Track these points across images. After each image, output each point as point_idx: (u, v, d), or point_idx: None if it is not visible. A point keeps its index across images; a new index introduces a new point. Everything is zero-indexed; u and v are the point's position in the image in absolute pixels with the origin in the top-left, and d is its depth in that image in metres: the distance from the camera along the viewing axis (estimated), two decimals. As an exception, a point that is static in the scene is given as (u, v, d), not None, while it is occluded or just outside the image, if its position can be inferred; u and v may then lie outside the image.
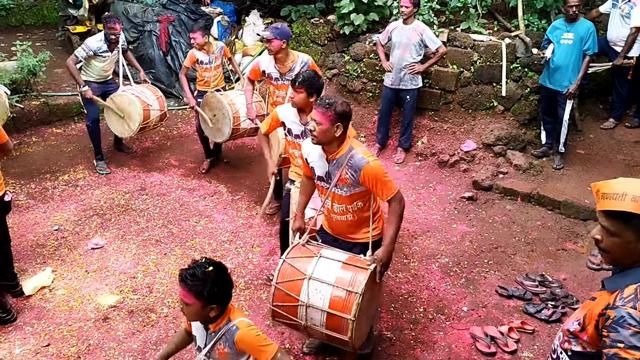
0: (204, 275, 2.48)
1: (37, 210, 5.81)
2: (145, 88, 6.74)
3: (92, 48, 6.22)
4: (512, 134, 6.74)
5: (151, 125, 6.69)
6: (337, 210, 3.44)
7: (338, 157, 3.25)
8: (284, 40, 5.01)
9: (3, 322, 4.21)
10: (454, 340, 4.17)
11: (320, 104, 3.17)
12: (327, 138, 3.18)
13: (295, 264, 3.28)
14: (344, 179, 3.25)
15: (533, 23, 7.21)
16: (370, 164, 3.16)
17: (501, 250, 5.25)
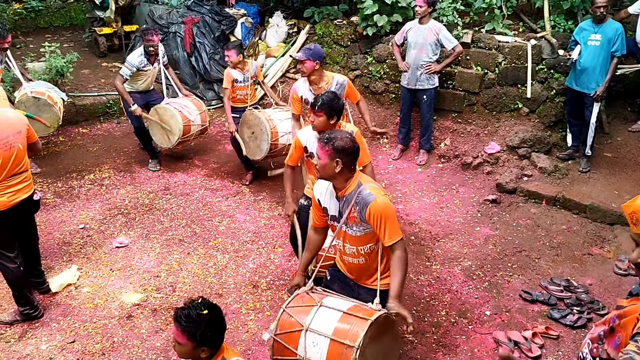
0: (198, 318, 2.45)
1: (63, 209, 5.91)
2: (190, 102, 6.75)
3: (134, 64, 6.31)
4: (537, 136, 6.65)
5: (191, 138, 6.76)
6: (349, 252, 3.23)
7: (347, 194, 3.08)
8: (317, 61, 4.73)
9: (30, 318, 4.30)
10: (477, 344, 4.13)
11: (320, 139, 3.07)
12: (328, 174, 3.04)
13: (294, 314, 3.03)
14: (353, 217, 3.07)
15: (559, 24, 7.10)
16: (377, 200, 2.96)
17: (525, 254, 5.19)
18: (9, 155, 3.87)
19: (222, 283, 4.81)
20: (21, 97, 6.27)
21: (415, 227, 5.67)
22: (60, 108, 6.49)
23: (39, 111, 6.21)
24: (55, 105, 6.37)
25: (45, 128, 6.32)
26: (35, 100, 6.23)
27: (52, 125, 6.42)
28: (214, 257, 5.17)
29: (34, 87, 6.45)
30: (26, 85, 6.43)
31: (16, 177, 3.99)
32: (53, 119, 6.37)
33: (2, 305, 4.49)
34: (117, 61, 9.75)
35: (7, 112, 4.03)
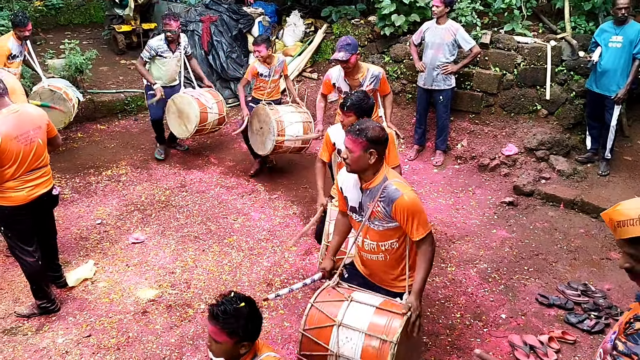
0: (236, 312, 2.36)
1: (81, 204, 5.97)
2: (206, 91, 6.79)
3: (153, 47, 6.37)
4: (556, 138, 6.58)
5: (208, 128, 6.73)
6: (368, 248, 3.13)
7: (372, 187, 2.98)
8: (358, 54, 4.72)
9: (47, 311, 4.34)
10: (492, 348, 4.09)
11: (351, 130, 2.94)
12: (361, 166, 2.93)
13: (324, 309, 2.97)
14: (376, 212, 2.98)
15: (580, 25, 7.01)
16: (405, 197, 2.87)
17: (542, 258, 5.13)
18: (29, 150, 3.91)
19: (237, 281, 4.83)
20: (38, 89, 6.36)
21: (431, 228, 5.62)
22: (74, 105, 6.56)
23: (53, 104, 6.28)
24: (70, 101, 6.44)
25: (57, 121, 6.37)
26: (51, 93, 6.31)
27: (62, 121, 6.47)
28: (229, 255, 5.19)
29: (52, 81, 6.53)
30: (45, 79, 6.51)
31: (35, 172, 4.04)
32: (65, 113, 6.44)
33: (20, 298, 4.54)
34: (135, 59, 9.77)
35: (27, 107, 4.08)
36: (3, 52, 6.12)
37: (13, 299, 4.54)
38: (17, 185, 3.94)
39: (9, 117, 3.80)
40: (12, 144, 3.78)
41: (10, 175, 3.88)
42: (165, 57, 6.49)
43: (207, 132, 6.93)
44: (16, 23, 6.12)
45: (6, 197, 3.94)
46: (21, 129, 3.84)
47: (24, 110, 3.94)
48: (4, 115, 3.79)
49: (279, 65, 6.38)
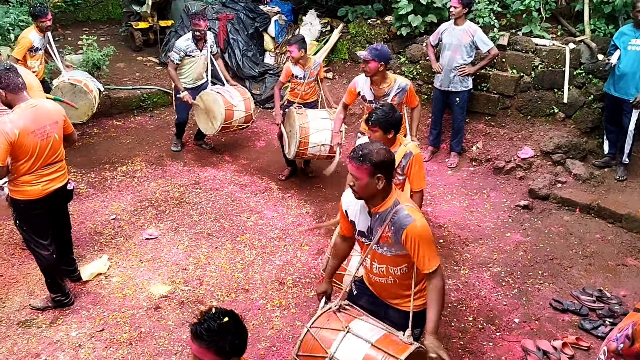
0: (221, 328, 2.22)
1: (96, 199, 6.02)
2: (234, 89, 6.75)
3: (182, 48, 6.37)
4: (573, 142, 6.51)
5: (234, 125, 6.68)
6: (376, 271, 2.99)
7: (381, 212, 2.81)
8: (382, 63, 4.55)
9: (61, 305, 4.38)
10: (504, 352, 4.06)
11: (354, 157, 2.72)
12: (369, 193, 2.75)
13: (319, 337, 2.82)
14: (385, 237, 2.81)
15: (599, 28, 6.92)
16: (416, 223, 2.71)
17: (557, 262, 5.08)
18: (45, 145, 3.95)
19: (249, 278, 4.83)
20: (59, 83, 6.42)
21: (444, 230, 5.60)
22: (95, 97, 6.61)
23: (74, 98, 6.37)
24: (91, 93, 6.50)
25: (78, 114, 6.48)
26: (72, 86, 6.37)
27: (85, 113, 6.55)
28: (241, 253, 5.20)
29: (72, 75, 6.58)
30: (65, 73, 6.57)
31: (51, 167, 4.07)
32: (87, 106, 6.51)
33: (34, 291, 4.59)
34: (151, 55, 9.90)
35: (44, 102, 4.12)
36: (24, 44, 6.17)
37: (28, 292, 4.59)
38: (33, 179, 3.98)
39: (27, 112, 3.83)
40: (28, 138, 3.81)
41: (27, 169, 3.92)
42: (193, 57, 6.49)
43: (233, 130, 6.89)
44: (36, 14, 6.18)
45: (22, 191, 3.99)
46: (38, 124, 3.88)
47: (41, 105, 3.98)
48: (22, 109, 3.82)
49: (314, 68, 6.18)
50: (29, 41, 6.19)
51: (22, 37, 6.24)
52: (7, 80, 3.75)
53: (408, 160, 3.80)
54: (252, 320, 4.33)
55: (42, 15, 6.17)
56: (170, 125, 7.93)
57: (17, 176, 3.94)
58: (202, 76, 6.77)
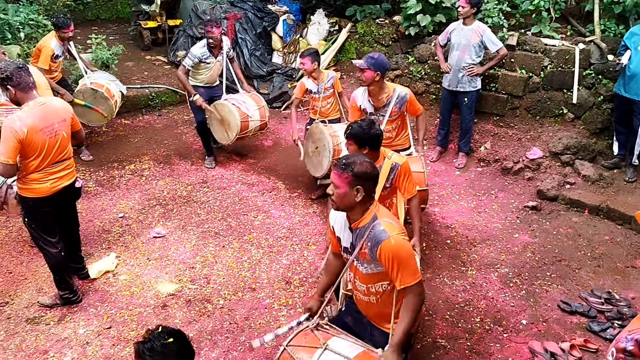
0: (164, 349, 2.19)
1: (104, 198, 6.04)
2: (249, 97, 6.60)
3: (197, 55, 6.30)
4: (582, 143, 6.46)
5: (249, 134, 6.64)
6: (360, 289, 2.95)
7: (361, 227, 2.76)
8: (378, 72, 4.45)
9: (70, 302, 4.41)
10: (511, 353, 4.04)
11: (337, 164, 2.72)
12: (347, 203, 2.72)
13: (295, 354, 2.75)
14: (364, 254, 2.77)
15: (610, 28, 6.87)
16: (391, 240, 2.63)
17: (565, 264, 5.05)
18: (53, 143, 3.97)
19: (256, 277, 4.84)
20: (81, 87, 6.46)
21: (452, 230, 5.58)
22: (116, 102, 6.62)
23: (95, 103, 6.42)
24: (112, 98, 6.51)
25: (100, 118, 6.55)
26: (93, 92, 6.39)
27: (105, 117, 6.60)
28: (248, 252, 5.20)
29: (95, 78, 6.59)
30: (87, 76, 6.60)
31: (59, 165, 4.09)
32: (107, 111, 6.54)
33: (43, 288, 4.62)
34: (160, 54, 9.93)
35: (53, 100, 4.14)
36: (47, 53, 6.19)
37: (36, 289, 4.62)
38: (41, 177, 4.01)
39: (35, 110, 3.85)
40: (37, 136, 3.84)
41: (35, 167, 3.94)
42: (208, 63, 6.42)
43: (248, 138, 6.84)
44: (59, 25, 6.18)
45: (30, 189, 4.01)
46: (46, 122, 3.90)
47: (50, 103, 4.00)
48: (31, 107, 3.84)
49: (328, 82, 5.92)
50: (50, 50, 6.22)
51: (43, 47, 6.21)
52: (18, 79, 3.78)
53: (395, 172, 3.75)
54: (258, 319, 4.34)
55: (64, 27, 6.21)
56: (179, 124, 7.97)
57: (26, 174, 3.96)
58: (215, 80, 6.69)
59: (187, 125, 7.94)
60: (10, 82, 3.76)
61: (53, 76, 6.41)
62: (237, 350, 4.01)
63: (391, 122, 4.71)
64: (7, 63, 3.82)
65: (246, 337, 4.13)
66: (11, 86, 3.78)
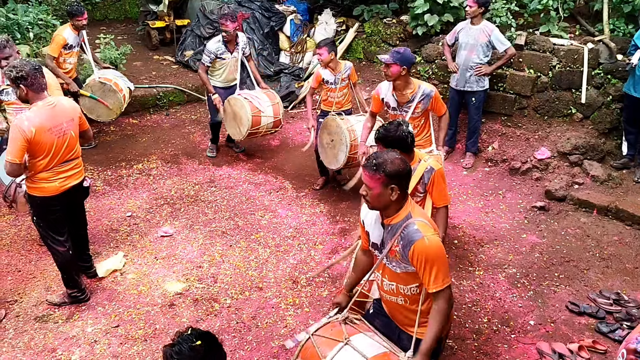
0: (191, 352, 2.14)
1: (112, 197, 6.07)
2: (263, 93, 6.55)
3: (212, 50, 6.31)
4: (591, 143, 6.43)
5: (262, 131, 6.53)
6: (387, 289, 2.85)
7: (393, 224, 2.69)
8: (404, 67, 4.39)
9: (78, 301, 4.43)
10: (519, 354, 4.02)
11: (367, 165, 2.63)
12: (382, 203, 2.65)
13: (318, 345, 2.74)
14: (394, 251, 2.69)
15: (619, 28, 6.83)
16: (425, 240, 2.55)
17: (573, 265, 5.02)
18: (62, 142, 3.99)
19: (263, 277, 4.85)
20: (89, 81, 6.52)
21: (459, 231, 5.56)
22: (125, 96, 6.67)
23: (104, 96, 6.48)
24: (120, 92, 6.55)
25: (109, 113, 6.60)
26: (102, 85, 6.45)
27: (114, 111, 6.63)
28: (256, 251, 5.21)
29: (103, 73, 6.65)
30: (96, 71, 6.66)
31: (68, 164, 4.12)
32: (116, 104, 6.59)
33: (51, 287, 4.64)
34: (168, 54, 9.96)
35: (61, 100, 4.16)
36: (59, 41, 6.30)
37: (45, 287, 4.65)
38: (50, 176, 4.03)
39: (44, 110, 3.88)
40: (45, 136, 3.86)
41: (44, 166, 3.97)
42: (224, 59, 6.40)
43: (261, 135, 6.73)
44: (73, 12, 6.28)
45: (39, 188, 4.04)
46: (55, 122, 3.92)
47: (59, 103, 4.02)
48: (39, 107, 3.87)
49: (345, 72, 5.91)
50: (63, 38, 6.31)
51: (56, 35, 6.36)
52: (33, 80, 3.81)
53: (430, 176, 3.65)
54: (265, 318, 4.34)
55: (78, 14, 6.29)
56: (186, 123, 7.99)
57: (35, 173, 3.99)
58: (233, 78, 6.64)
59: (194, 124, 7.97)
60: (25, 81, 3.78)
61: (66, 70, 6.49)
62: (244, 349, 4.02)
63: (414, 119, 4.62)
64: (24, 63, 3.84)
65: (253, 337, 4.14)
66: (24, 85, 3.80)
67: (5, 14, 6.97)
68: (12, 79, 3.80)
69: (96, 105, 6.53)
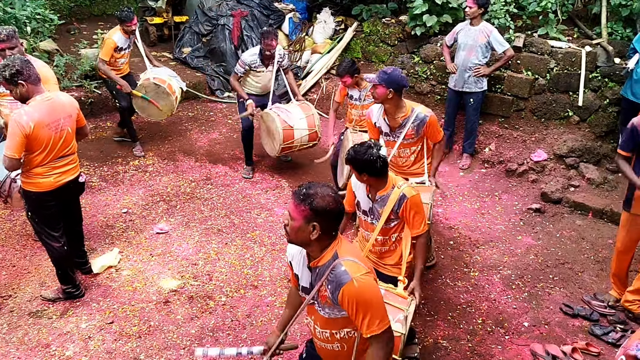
0: None
1: (108, 193, 6.05)
2: (296, 106, 6.34)
3: (247, 62, 6.23)
4: (587, 146, 6.45)
5: (297, 145, 6.28)
6: (321, 337, 2.58)
7: (320, 266, 2.42)
8: (390, 90, 4.07)
9: (72, 296, 4.42)
10: (513, 355, 4.03)
11: (295, 192, 2.39)
12: (300, 239, 2.38)
13: None
14: (324, 297, 2.43)
15: (617, 31, 6.84)
16: (354, 283, 2.29)
17: (568, 267, 5.04)
18: (58, 138, 3.98)
19: (258, 275, 4.84)
20: (143, 81, 6.52)
21: (455, 232, 5.57)
22: (177, 98, 6.66)
23: (157, 98, 6.49)
24: (173, 94, 6.55)
25: (160, 113, 6.62)
26: (156, 87, 6.45)
27: (165, 112, 6.65)
28: (251, 249, 5.21)
29: (157, 73, 6.63)
30: (150, 70, 6.67)
31: (63, 159, 4.10)
32: (168, 107, 6.59)
33: (46, 282, 4.63)
34: (166, 51, 9.92)
35: (59, 95, 4.14)
36: (109, 45, 6.36)
37: (39, 283, 4.63)
38: (45, 171, 4.02)
39: (42, 105, 3.86)
40: (43, 131, 3.84)
41: (39, 161, 3.95)
42: (258, 72, 6.32)
43: (298, 149, 6.44)
44: (122, 19, 6.32)
45: (34, 183, 4.02)
46: (53, 117, 3.91)
47: (56, 99, 4.00)
48: (38, 102, 3.85)
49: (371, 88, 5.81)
50: (113, 42, 6.38)
51: (107, 39, 6.43)
52: (28, 72, 3.78)
53: (402, 204, 3.40)
54: (260, 317, 4.34)
55: (128, 21, 6.34)
56: (183, 121, 7.98)
57: (30, 168, 3.97)
58: (268, 88, 6.48)
59: (191, 122, 7.96)
60: (22, 76, 3.75)
61: (118, 69, 6.56)
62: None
63: (407, 145, 4.39)
64: (12, 58, 3.80)
65: (247, 335, 4.14)
66: (23, 80, 3.76)
67: (3, 7, 6.93)
68: (9, 78, 3.74)
69: (148, 105, 6.53)
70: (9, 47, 4.59)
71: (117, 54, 6.48)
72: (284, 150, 6.29)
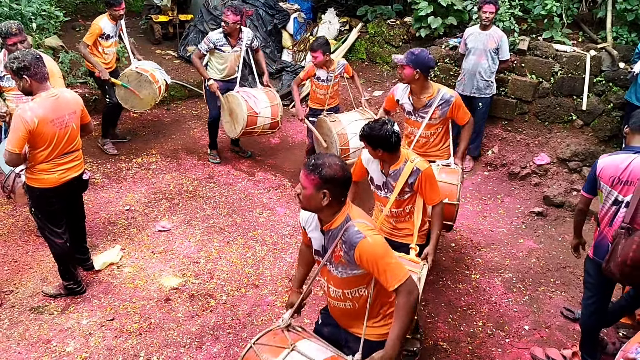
0: None
1: (110, 190, 6.07)
2: (263, 93, 6.39)
3: (212, 40, 6.22)
4: (590, 150, 6.44)
5: (258, 131, 6.40)
6: (334, 295, 2.75)
7: (333, 229, 2.60)
8: (417, 70, 4.09)
9: (74, 293, 4.43)
10: (513, 358, 4.03)
11: (306, 164, 2.56)
12: (312, 205, 2.56)
13: (261, 353, 2.63)
14: (338, 257, 2.60)
15: (622, 36, 6.85)
16: (368, 240, 2.47)
17: (569, 271, 5.03)
18: (63, 134, 3.99)
19: (259, 274, 4.85)
20: (126, 71, 6.49)
21: (457, 234, 5.57)
22: (160, 88, 6.58)
23: (139, 87, 6.43)
24: (156, 83, 6.47)
25: (142, 103, 6.54)
26: (138, 75, 6.41)
27: (148, 102, 6.58)
28: (253, 248, 5.21)
29: (140, 64, 6.62)
30: (134, 61, 6.64)
31: (68, 156, 4.11)
32: (151, 96, 6.52)
33: (47, 278, 4.64)
34: (170, 49, 9.95)
35: (64, 92, 4.15)
36: (94, 31, 6.28)
37: (41, 279, 4.65)
38: (50, 167, 4.03)
39: (47, 101, 3.87)
40: (47, 127, 3.86)
41: (44, 157, 3.96)
42: (223, 52, 6.29)
43: (257, 134, 6.64)
44: (110, 2, 6.25)
45: (38, 179, 4.03)
46: (57, 113, 3.92)
47: (61, 95, 4.01)
48: (43, 98, 3.86)
49: (338, 70, 5.91)
50: (98, 28, 6.28)
51: (93, 24, 6.35)
52: (36, 69, 3.80)
53: (416, 177, 3.52)
54: (260, 316, 4.34)
55: (116, 4, 6.26)
56: (187, 119, 7.98)
57: (34, 164, 3.99)
58: (233, 71, 6.52)
59: (195, 120, 7.96)
60: (28, 71, 3.77)
61: (106, 61, 6.49)
62: (238, 346, 4.02)
63: (431, 126, 4.37)
64: (24, 53, 3.82)
65: (248, 334, 4.14)
66: (27, 76, 3.78)
67: (9, 3, 6.94)
68: (15, 70, 3.77)
69: (130, 95, 6.47)
70: (20, 41, 4.63)
71: (105, 42, 6.38)
72: (244, 135, 6.39)
